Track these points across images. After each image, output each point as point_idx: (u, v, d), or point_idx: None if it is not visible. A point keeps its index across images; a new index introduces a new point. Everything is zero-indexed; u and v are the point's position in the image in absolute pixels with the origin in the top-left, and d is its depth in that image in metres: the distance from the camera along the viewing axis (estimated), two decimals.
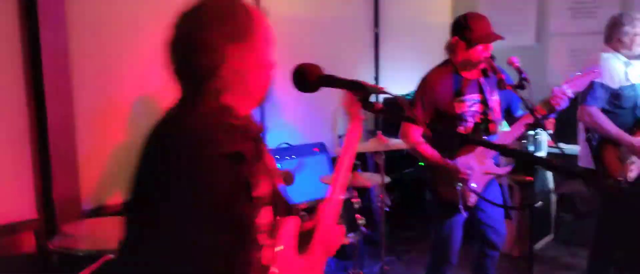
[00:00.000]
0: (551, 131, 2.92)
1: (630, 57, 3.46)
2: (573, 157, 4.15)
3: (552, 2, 5.28)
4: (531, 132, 4.62)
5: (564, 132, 4.85)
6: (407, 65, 5.03)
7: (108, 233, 2.64)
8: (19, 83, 2.97)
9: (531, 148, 4.61)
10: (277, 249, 1.39)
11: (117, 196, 3.34)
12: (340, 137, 4.73)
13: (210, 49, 1.28)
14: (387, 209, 4.33)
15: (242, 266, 1.30)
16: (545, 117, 2.83)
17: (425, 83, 2.93)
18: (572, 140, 4.23)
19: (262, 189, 1.35)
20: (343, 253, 3.96)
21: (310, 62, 1.32)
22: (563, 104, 2.81)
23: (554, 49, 5.23)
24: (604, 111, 3.41)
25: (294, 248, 1.45)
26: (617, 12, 3.62)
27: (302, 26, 4.36)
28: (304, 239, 1.49)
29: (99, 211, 3.26)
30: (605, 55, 3.47)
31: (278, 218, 1.41)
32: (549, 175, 4.94)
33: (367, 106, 1.27)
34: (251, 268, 1.33)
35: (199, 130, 1.26)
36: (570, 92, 2.82)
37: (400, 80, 4.97)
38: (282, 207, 1.45)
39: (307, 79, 1.30)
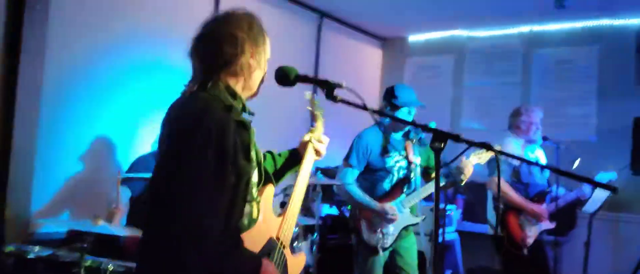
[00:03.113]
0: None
1: (527, 141, 4.17)
2: (480, 235, 4.74)
3: (463, 103, 6.12)
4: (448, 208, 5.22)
5: (473, 212, 5.50)
6: (338, 143, 5.57)
7: None
8: None
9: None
10: (261, 205, 1.78)
11: (64, 224, 3.52)
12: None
13: (235, 41, 1.71)
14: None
15: (238, 210, 1.64)
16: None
17: (360, 139, 3.44)
18: (481, 220, 4.82)
19: (255, 155, 1.75)
20: None
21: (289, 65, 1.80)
22: (468, 173, 3.35)
23: None
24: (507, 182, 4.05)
25: (270, 210, 1.83)
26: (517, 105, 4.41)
27: None
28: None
29: (46, 236, 3.41)
30: (508, 138, 4.18)
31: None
32: (459, 254, 5.47)
33: (332, 97, 1.72)
34: (243, 215, 1.69)
35: (205, 106, 1.64)
36: (474, 162, 3.38)
37: (331, 153, 5.47)
38: (264, 175, 1.85)
39: (288, 76, 1.75)
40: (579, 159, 4.52)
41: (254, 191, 1.77)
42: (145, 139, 3.87)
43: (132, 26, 3.92)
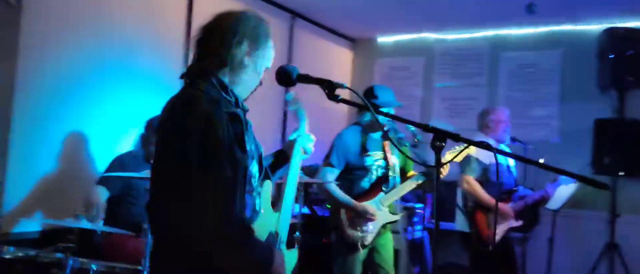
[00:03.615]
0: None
1: (497, 140, 4.30)
2: (448, 233, 4.85)
3: (433, 104, 6.26)
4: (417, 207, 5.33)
5: (441, 210, 5.62)
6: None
7: None
8: None
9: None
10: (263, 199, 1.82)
11: (36, 223, 3.44)
12: None
13: (234, 33, 1.73)
14: None
15: (239, 201, 1.65)
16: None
17: (340, 139, 3.48)
18: (449, 217, 4.94)
19: (253, 148, 1.76)
20: None
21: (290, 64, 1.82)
22: (445, 171, 3.46)
23: None
24: (477, 180, 4.16)
25: (268, 204, 1.87)
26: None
27: None
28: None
29: (18, 236, 3.32)
30: (479, 138, 4.28)
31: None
32: (428, 251, 5.59)
33: (334, 97, 1.75)
34: (246, 206, 1.70)
35: (202, 94, 1.66)
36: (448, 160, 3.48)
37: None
38: (264, 170, 1.86)
39: (290, 75, 1.78)
40: (542, 159, 4.69)
41: (254, 182, 1.78)
42: (120, 137, 3.82)
43: (106, 24, 3.86)
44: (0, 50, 3.16)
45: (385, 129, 3.48)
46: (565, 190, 4.68)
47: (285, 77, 1.78)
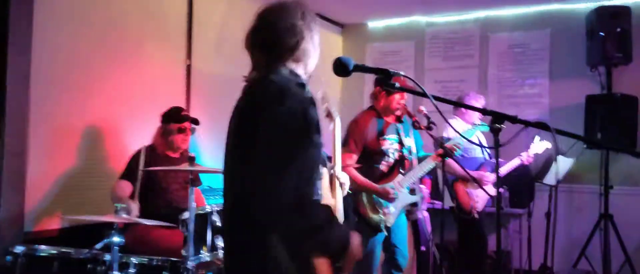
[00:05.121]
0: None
1: (469, 123, 4.46)
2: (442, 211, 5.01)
3: (425, 87, 6.31)
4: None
5: (437, 190, 5.76)
6: None
7: None
8: None
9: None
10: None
11: (57, 221, 3.43)
12: None
13: (294, 30, 1.79)
14: None
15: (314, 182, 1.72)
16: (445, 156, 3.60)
17: (356, 124, 3.55)
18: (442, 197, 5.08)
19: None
20: None
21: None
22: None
23: None
24: None
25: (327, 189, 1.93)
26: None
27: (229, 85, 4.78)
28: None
29: (39, 234, 3.31)
30: (451, 120, 4.44)
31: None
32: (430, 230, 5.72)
33: (389, 86, 1.82)
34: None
35: (285, 84, 1.72)
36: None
37: None
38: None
39: (347, 66, 1.83)
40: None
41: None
42: (137, 131, 3.80)
43: (117, 15, 3.82)
44: (14, 44, 3.10)
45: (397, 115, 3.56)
46: (564, 164, 4.87)
47: (342, 68, 1.83)
